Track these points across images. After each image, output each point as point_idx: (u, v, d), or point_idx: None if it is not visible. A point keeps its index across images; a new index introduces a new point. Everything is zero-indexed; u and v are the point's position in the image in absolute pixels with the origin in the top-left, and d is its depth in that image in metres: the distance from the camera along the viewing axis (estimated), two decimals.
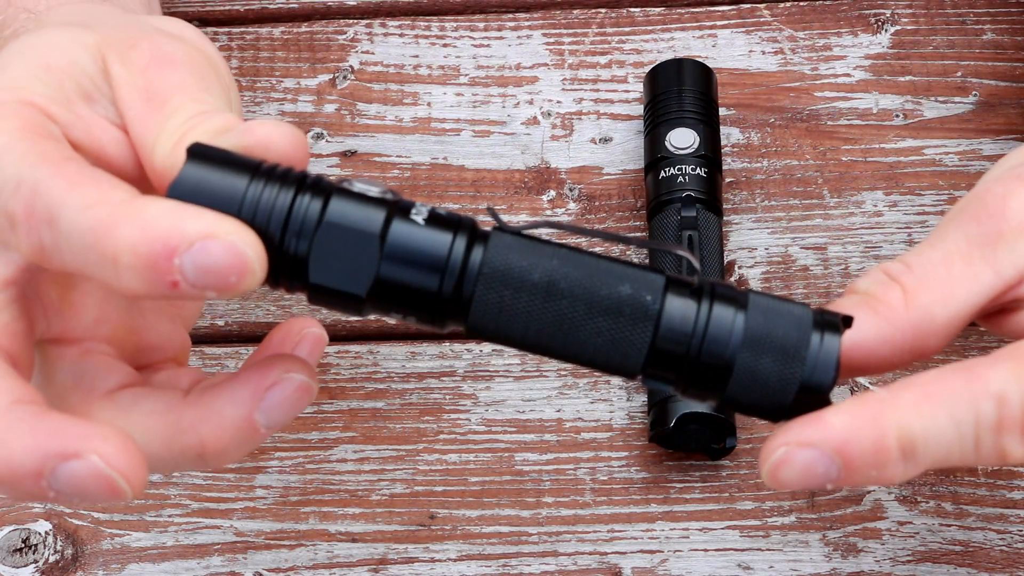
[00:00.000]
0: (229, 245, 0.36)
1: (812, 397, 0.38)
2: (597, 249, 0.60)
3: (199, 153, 0.38)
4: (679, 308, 0.38)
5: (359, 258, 0.38)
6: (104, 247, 0.36)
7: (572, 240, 0.60)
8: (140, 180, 0.42)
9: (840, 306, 0.40)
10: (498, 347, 0.58)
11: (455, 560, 0.54)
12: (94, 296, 0.42)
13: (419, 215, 0.38)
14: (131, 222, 0.36)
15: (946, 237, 0.42)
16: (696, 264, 0.40)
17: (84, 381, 0.41)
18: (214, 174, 0.38)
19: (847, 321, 0.39)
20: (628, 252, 0.60)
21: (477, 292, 0.38)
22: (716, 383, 0.39)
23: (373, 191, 0.38)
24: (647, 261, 0.58)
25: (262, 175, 0.38)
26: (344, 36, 0.65)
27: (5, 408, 0.37)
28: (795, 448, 0.38)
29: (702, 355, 0.38)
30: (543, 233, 0.41)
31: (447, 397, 0.57)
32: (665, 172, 0.58)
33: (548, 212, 0.61)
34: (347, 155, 0.62)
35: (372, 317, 0.59)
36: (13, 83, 0.41)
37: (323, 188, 0.38)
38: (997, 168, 0.44)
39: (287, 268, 0.38)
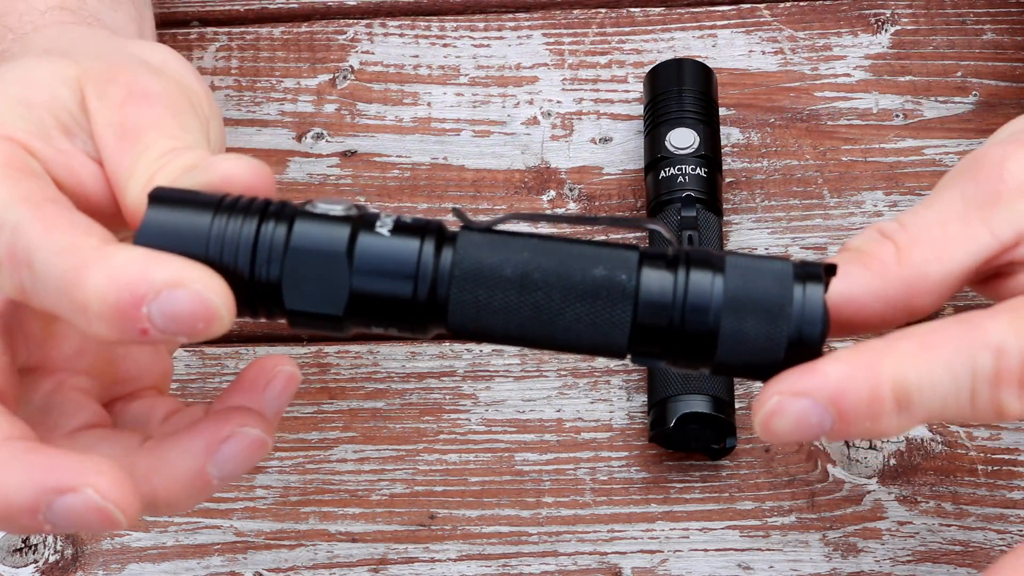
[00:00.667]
0: (195, 293, 0.36)
1: (803, 351, 0.38)
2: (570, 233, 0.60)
3: (161, 197, 0.38)
4: (656, 281, 0.38)
5: (330, 278, 0.38)
6: (74, 294, 0.36)
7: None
8: (118, 215, 0.42)
9: (832, 262, 0.40)
10: (498, 347, 0.58)
11: (455, 560, 0.54)
12: (76, 328, 0.42)
13: (384, 226, 0.38)
14: (99, 270, 0.36)
15: (942, 197, 0.41)
16: (668, 235, 0.40)
17: (50, 417, 0.41)
18: (177, 215, 0.38)
19: (830, 270, 0.39)
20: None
21: (452, 294, 0.38)
22: (704, 351, 0.38)
23: (336, 209, 0.38)
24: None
25: (225, 209, 0.38)
26: (344, 36, 0.65)
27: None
28: (788, 397, 0.37)
29: (685, 325, 0.38)
30: (513, 225, 0.41)
31: (447, 397, 0.57)
32: (665, 172, 0.58)
33: (548, 212, 0.61)
34: (347, 155, 0.62)
35: None
36: None
37: (286, 213, 0.38)
38: (998, 134, 0.44)
39: (263, 296, 0.38)
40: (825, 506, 0.54)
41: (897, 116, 0.62)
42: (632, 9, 0.65)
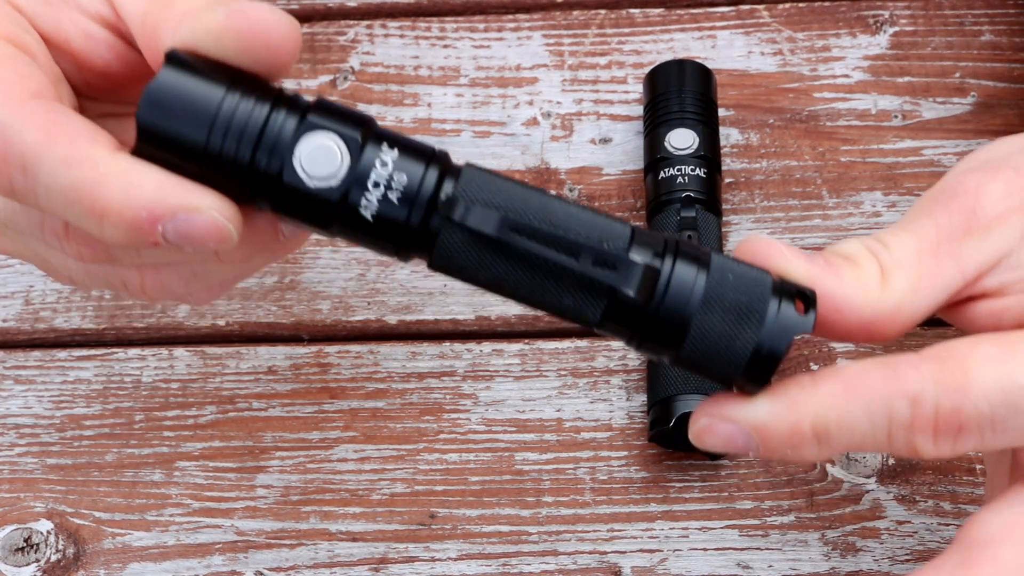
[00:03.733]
0: (211, 219, 0.38)
1: (763, 362, 0.39)
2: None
3: (177, 59, 0.38)
4: (641, 258, 0.38)
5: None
6: (90, 206, 0.37)
7: None
8: (104, 75, 0.42)
9: (821, 261, 0.41)
10: (498, 346, 0.58)
11: (455, 559, 0.54)
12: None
13: (392, 145, 0.38)
14: (118, 189, 0.37)
15: (919, 223, 0.42)
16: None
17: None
18: (190, 83, 0.37)
19: (804, 294, 0.39)
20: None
21: (443, 229, 0.38)
22: (671, 340, 0.39)
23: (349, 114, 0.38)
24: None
25: (238, 86, 0.38)
26: (345, 37, 0.66)
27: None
28: (717, 420, 0.40)
29: (660, 311, 0.38)
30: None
31: (447, 397, 0.57)
32: (665, 173, 0.58)
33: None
34: None
35: (373, 318, 0.59)
36: None
37: (299, 105, 0.38)
38: (972, 159, 0.44)
39: (256, 185, 0.38)
40: (824, 505, 0.54)
41: (896, 117, 0.62)
42: (632, 10, 0.65)
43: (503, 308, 0.59)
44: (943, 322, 0.43)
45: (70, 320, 0.60)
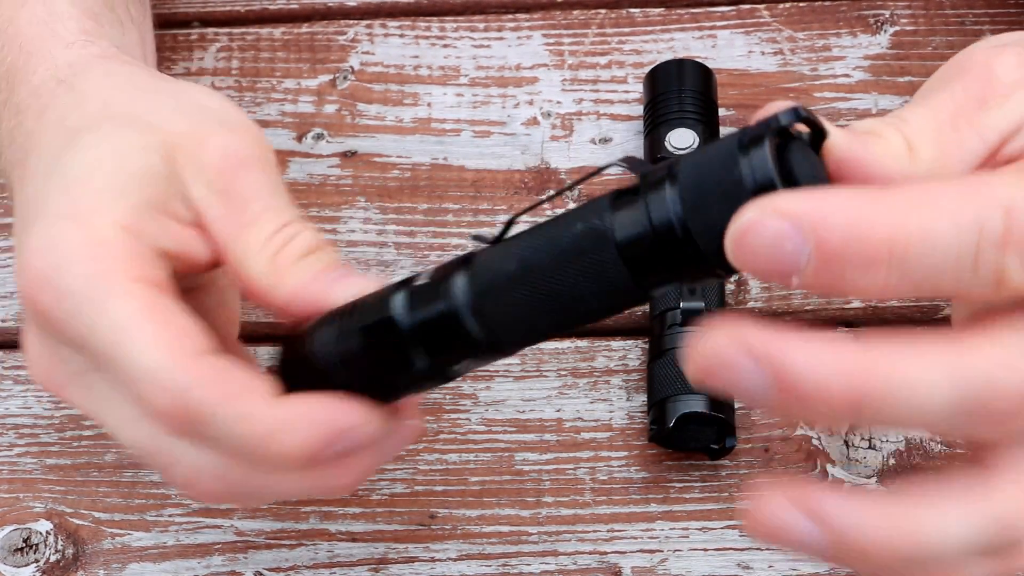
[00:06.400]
0: (361, 432, 0.42)
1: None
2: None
3: (279, 368, 0.44)
4: (627, 215, 0.37)
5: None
6: (264, 455, 0.41)
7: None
8: (216, 264, 0.45)
9: (842, 134, 0.37)
10: None
11: (455, 559, 0.54)
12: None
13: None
14: (292, 434, 0.41)
15: (934, 99, 0.39)
16: (642, 165, 0.38)
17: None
18: (303, 367, 0.44)
19: (793, 116, 0.36)
20: None
21: (469, 309, 0.40)
22: (699, 259, 0.36)
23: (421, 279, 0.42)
24: None
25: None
26: (344, 37, 0.66)
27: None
28: (769, 215, 0.33)
29: (661, 246, 0.36)
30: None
31: (447, 397, 0.57)
32: None
33: (548, 212, 0.61)
34: (347, 155, 0.63)
35: None
36: (102, 204, 0.43)
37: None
38: (975, 45, 0.43)
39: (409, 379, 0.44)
40: None
41: None
42: (632, 10, 0.65)
43: None
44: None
45: None
